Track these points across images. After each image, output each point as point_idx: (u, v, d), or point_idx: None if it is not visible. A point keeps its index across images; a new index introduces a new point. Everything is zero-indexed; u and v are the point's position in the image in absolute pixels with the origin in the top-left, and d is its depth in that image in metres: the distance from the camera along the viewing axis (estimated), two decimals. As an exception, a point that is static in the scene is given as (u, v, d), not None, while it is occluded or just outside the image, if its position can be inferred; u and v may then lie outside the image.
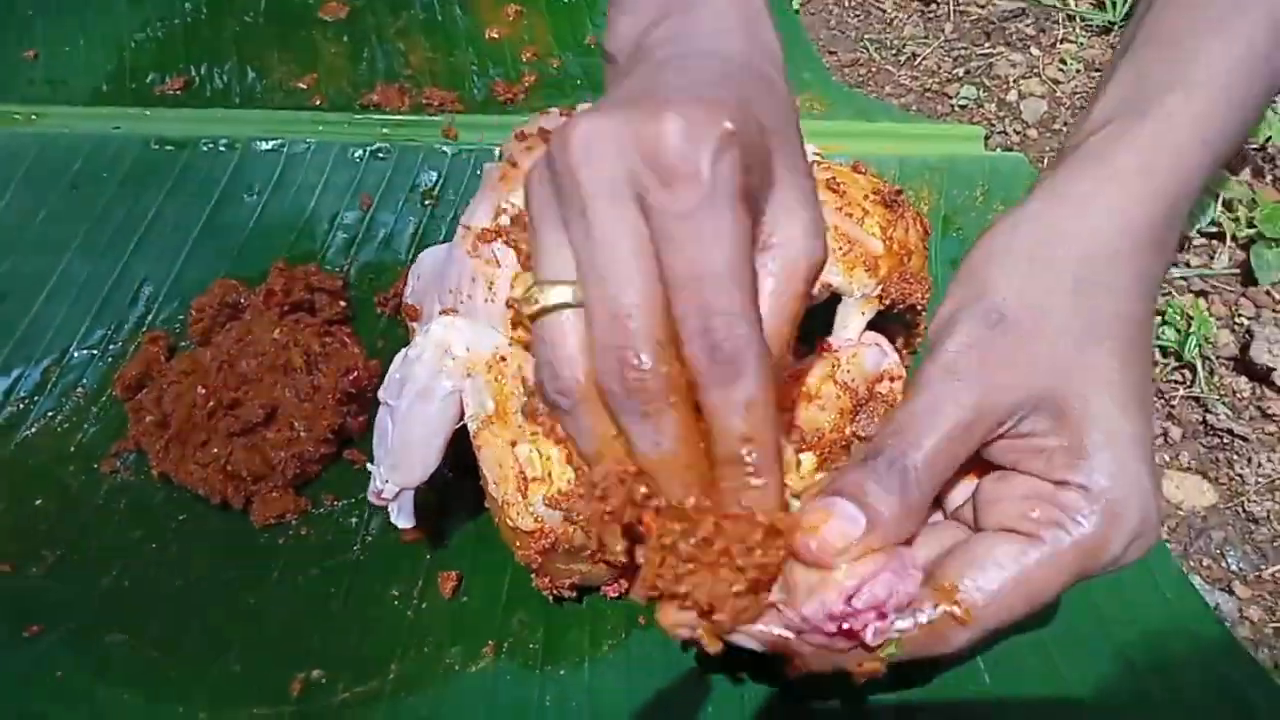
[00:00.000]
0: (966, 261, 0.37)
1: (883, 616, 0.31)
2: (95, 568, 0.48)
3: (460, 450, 0.42)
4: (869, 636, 0.31)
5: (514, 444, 0.41)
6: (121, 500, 0.51)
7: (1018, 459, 0.34)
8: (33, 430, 0.54)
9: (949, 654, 0.33)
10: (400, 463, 0.42)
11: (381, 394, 0.44)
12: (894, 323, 0.50)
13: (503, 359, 0.42)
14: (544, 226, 0.31)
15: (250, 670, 0.44)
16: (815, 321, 0.46)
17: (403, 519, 0.44)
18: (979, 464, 0.35)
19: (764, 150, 0.31)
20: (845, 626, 0.31)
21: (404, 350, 0.43)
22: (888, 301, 0.47)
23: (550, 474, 0.40)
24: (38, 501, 0.51)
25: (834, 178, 0.50)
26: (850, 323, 0.46)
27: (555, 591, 0.43)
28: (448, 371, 0.41)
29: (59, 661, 0.44)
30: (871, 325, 0.46)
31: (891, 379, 0.45)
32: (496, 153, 0.52)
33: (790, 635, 0.32)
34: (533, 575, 0.43)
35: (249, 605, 0.47)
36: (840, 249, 0.47)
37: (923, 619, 0.32)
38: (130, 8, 0.75)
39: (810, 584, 0.32)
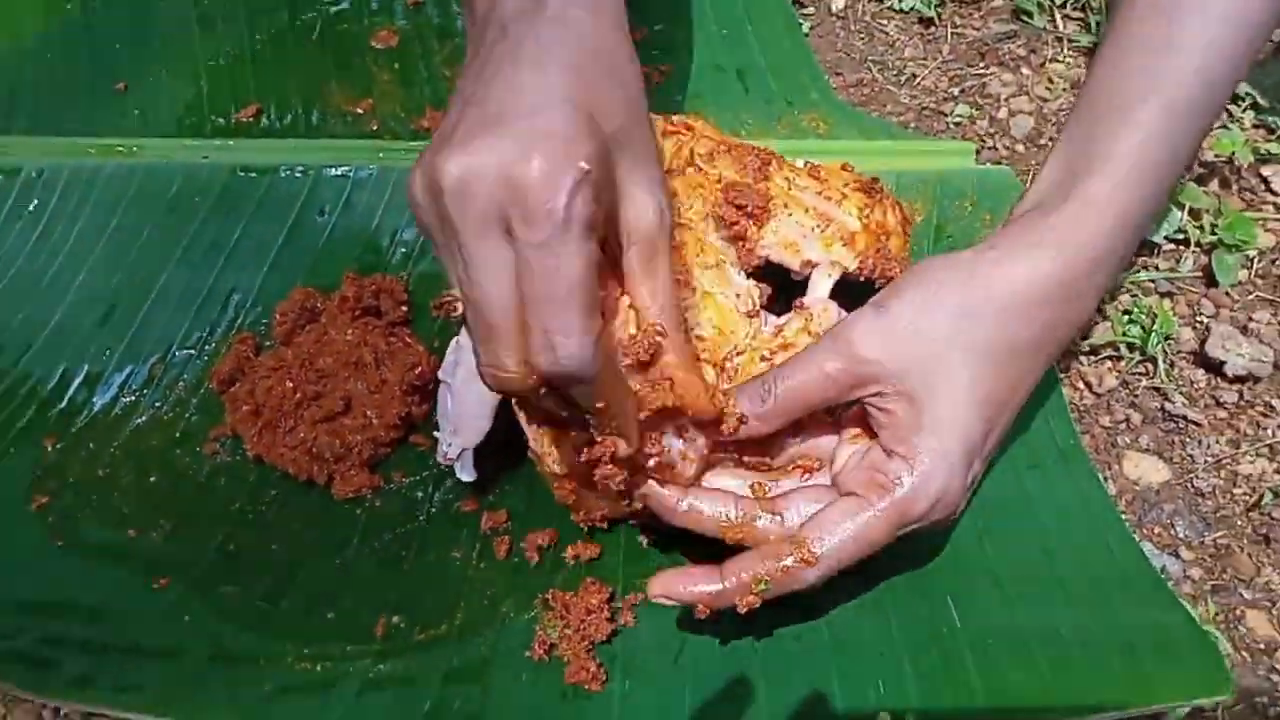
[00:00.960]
0: (908, 270, 0.49)
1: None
2: (205, 534, 0.57)
3: (508, 414, 0.51)
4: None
5: None
6: (222, 478, 0.60)
7: (875, 422, 0.46)
8: (143, 419, 0.63)
9: (804, 588, 0.45)
10: (460, 428, 0.52)
11: (441, 374, 0.53)
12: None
13: None
14: (436, 249, 0.37)
15: (341, 616, 0.52)
16: (795, 290, 0.56)
17: (465, 474, 0.54)
18: (864, 427, 0.48)
19: (609, 158, 0.37)
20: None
21: (455, 339, 0.53)
22: (867, 275, 0.56)
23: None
24: (152, 478, 0.60)
25: (815, 167, 0.58)
26: (820, 285, 0.56)
27: (589, 523, 0.52)
28: None
29: (186, 607, 0.53)
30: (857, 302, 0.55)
31: None
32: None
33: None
34: (570, 512, 0.52)
35: (335, 565, 0.55)
36: (819, 227, 0.55)
37: (785, 564, 0.44)
38: (202, 38, 0.84)
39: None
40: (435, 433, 0.54)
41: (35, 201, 0.73)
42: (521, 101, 0.36)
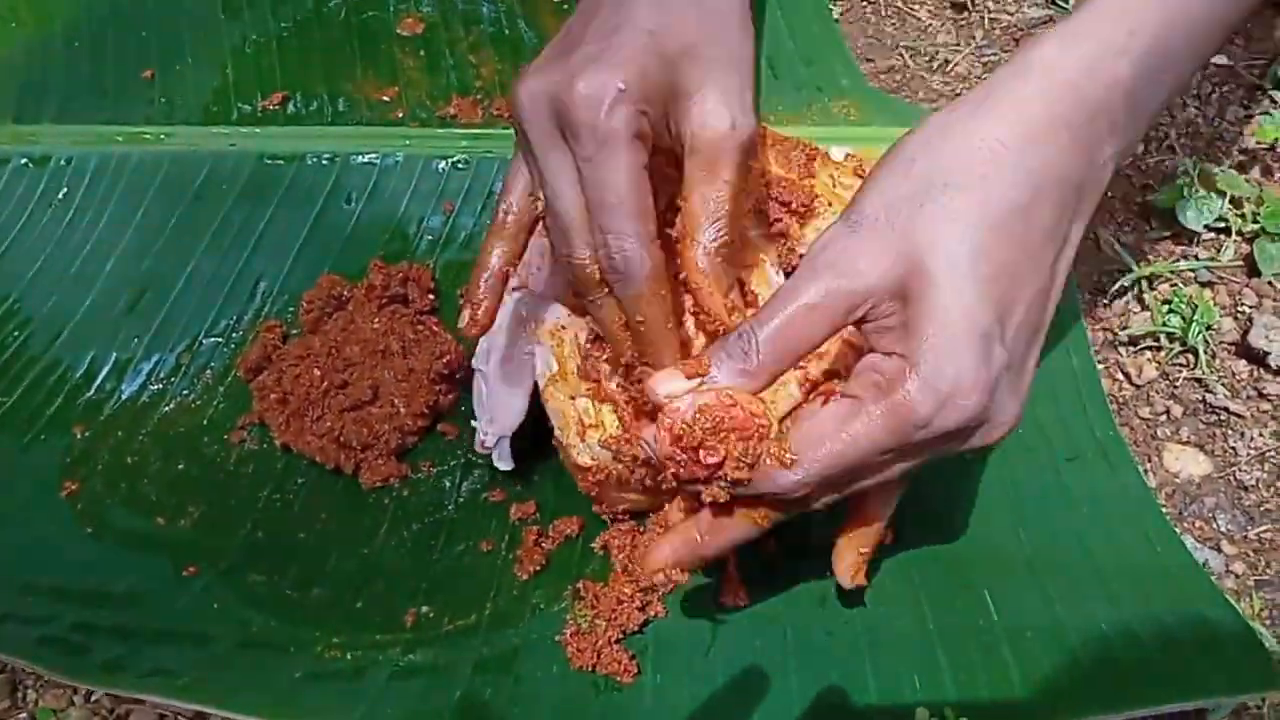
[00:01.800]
0: (882, 157, 0.41)
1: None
2: (233, 522, 0.57)
3: (536, 404, 0.51)
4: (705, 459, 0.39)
5: (573, 398, 0.49)
6: (249, 466, 0.60)
7: (872, 338, 0.39)
8: (170, 406, 0.63)
9: (781, 493, 0.39)
10: (496, 415, 0.51)
11: (475, 362, 0.53)
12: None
13: (563, 328, 0.50)
14: (525, 156, 0.43)
15: (370, 605, 0.52)
16: None
17: (503, 463, 0.53)
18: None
19: (670, 73, 0.41)
20: (679, 450, 0.39)
21: None
22: None
23: (603, 422, 0.48)
24: (180, 466, 0.60)
25: (861, 164, 0.57)
26: None
27: (611, 515, 0.51)
28: (524, 339, 0.50)
29: (215, 595, 0.53)
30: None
31: None
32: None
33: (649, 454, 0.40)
34: (594, 504, 0.52)
35: (364, 554, 0.55)
36: None
37: (762, 458, 0.38)
38: (228, 25, 0.83)
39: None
40: (473, 422, 0.53)
41: (64, 189, 0.73)
42: (587, 32, 0.41)
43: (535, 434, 0.54)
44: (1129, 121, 0.40)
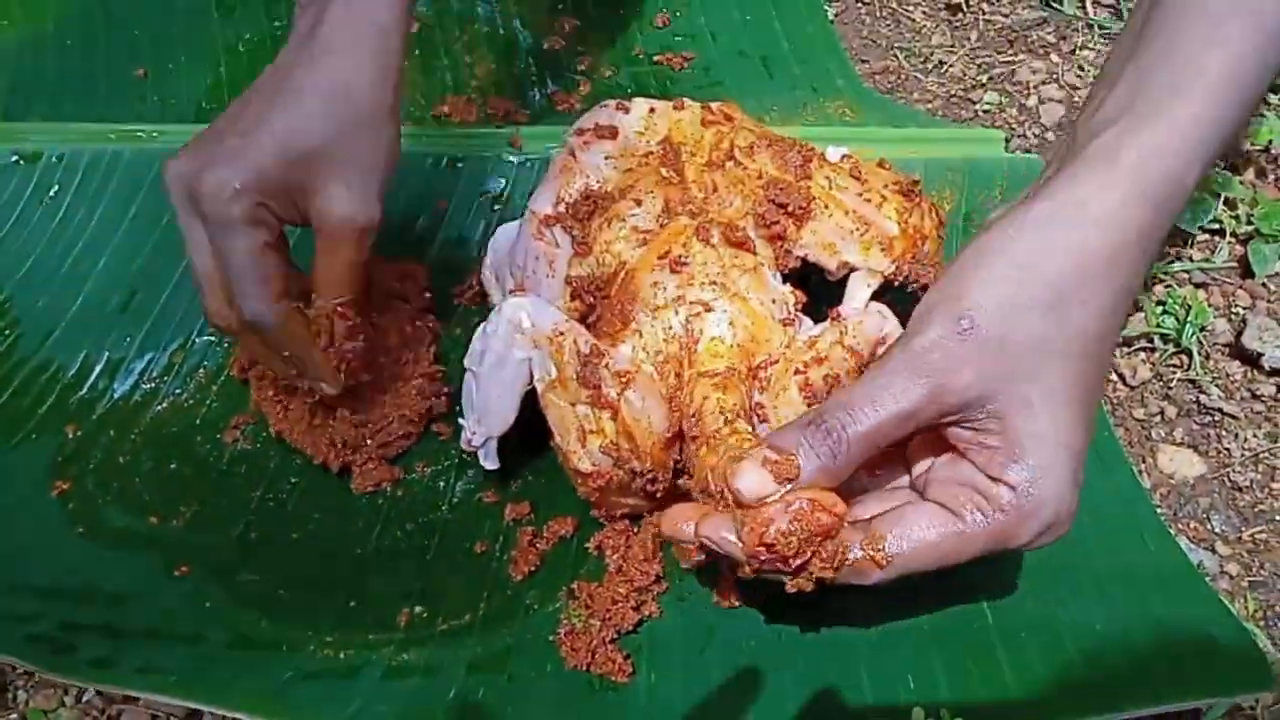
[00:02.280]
0: (958, 259, 0.41)
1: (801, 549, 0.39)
2: (225, 521, 0.57)
3: (532, 406, 0.51)
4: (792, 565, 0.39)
5: (573, 404, 0.49)
6: (242, 465, 0.60)
7: (966, 448, 0.40)
8: (163, 405, 0.63)
9: (866, 585, 0.40)
10: (484, 417, 0.51)
11: (466, 362, 0.52)
12: (908, 302, 0.57)
13: (561, 333, 0.49)
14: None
15: (364, 605, 0.52)
16: (832, 296, 0.54)
17: (489, 462, 0.53)
18: (941, 442, 0.41)
19: (299, 168, 0.48)
20: (768, 554, 0.39)
21: (482, 325, 0.52)
22: (901, 280, 0.54)
23: (603, 428, 0.48)
24: (173, 465, 0.60)
25: (856, 166, 0.57)
26: (857, 294, 0.53)
27: (609, 519, 0.51)
28: (518, 344, 0.50)
29: (207, 594, 0.52)
30: (888, 306, 0.53)
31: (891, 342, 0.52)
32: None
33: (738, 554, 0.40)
34: (592, 507, 0.52)
35: (357, 555, 0.55)
36: (858, 230, 0.54)
37: (853, 556, 0.39)
38: (221, 24, 0.83)
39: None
40: (460, 420, 0.53)
41: (56, 187, 0.73)
42: (235, 126, 0.48)
43: (528, 435, 0.54)
44: (1196, 183, 0.41)
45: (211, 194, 0.47)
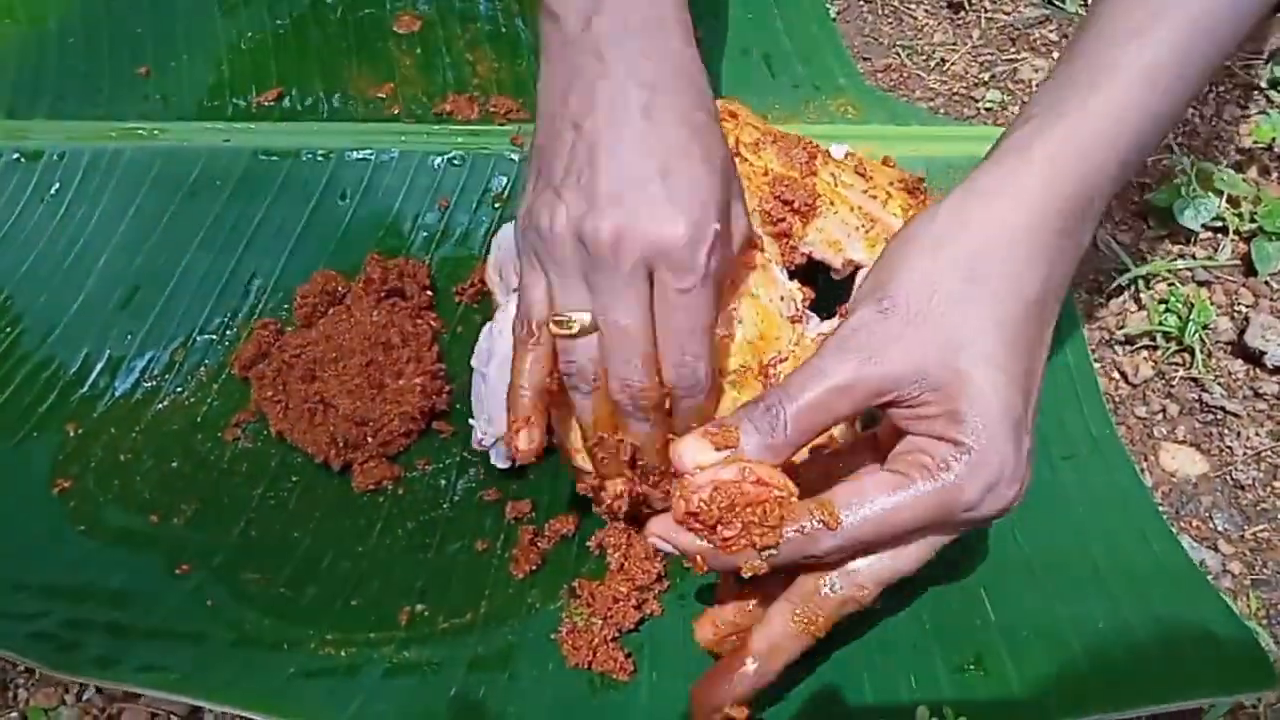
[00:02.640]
0: (884, 250, 0.43)
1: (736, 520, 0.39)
2: (226, 520, 0.57)
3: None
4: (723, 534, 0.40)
5: None
6: (243, 464, 0.60)
7: (909, 424, 0.41)
8: (164, 403, 0.63)
9: (819, 556, 0.40)
10: (494, 417, 0.51)
11: (474, 362, 0.52)
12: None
13: None
14: (564, 272, 0.44)
15: (365, 603, 0.52)
16: (839, 293, 0.53)
17: (500, 461, 0.53)
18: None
19: (730, 202, 0.45)
20: (695, 523, 0.40)
21: (488, 325, 0.52)
22: None
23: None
24: (174, 463, 0.60)
25: (861, 163, 0.56)
26: None
27: (610, 516, 0.51)
28: None
29: (208, 593, 0.52)
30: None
31: None
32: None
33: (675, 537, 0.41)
34: (594, 504, 0.52)
35: (358, 553, 0.55)
36: (863, 227, 0.54)
37: (802, 525, 0.39)
38: (224, 22, 0.83)
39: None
40: (470, 420, 0.53)
41: (57, 185, 0.73)
42: (650, 163, 0.42)
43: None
44: (1123, 177, 0.43)
45: (700, 243, 0.42)
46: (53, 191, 0.73)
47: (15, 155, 0.74)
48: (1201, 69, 0.43)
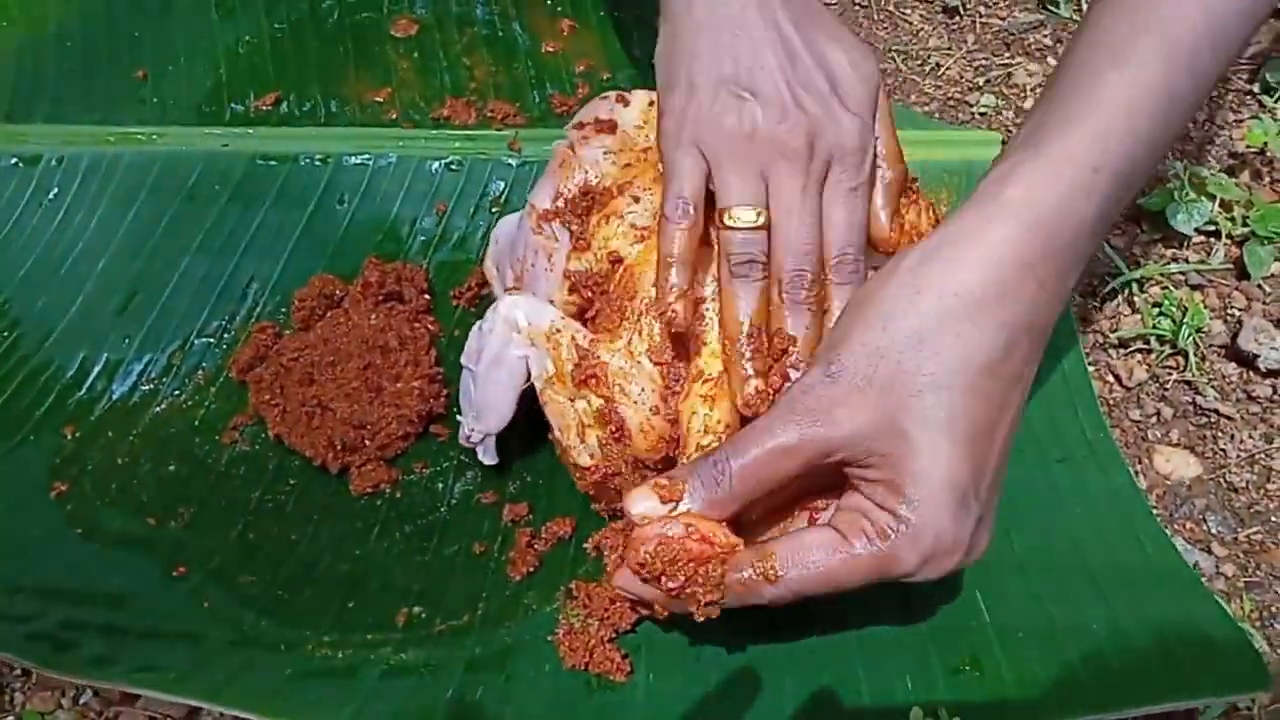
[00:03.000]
0: (850, 301, 0.44)
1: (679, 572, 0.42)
2: (224, 523, 0.57)
3: (529, 403, 0.51)
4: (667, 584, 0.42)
5: (572, 400, 0.49)
6: (241, 467, 0.60)
7: (859, 483, 0.41)
8: (162, 407, 0.63)
9: (763, 604, 0.42)
10: (482, 415, 0.52)
11: (463, 360, 0.53)
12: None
13: (558, 330, 0.50)
14: (744, 169, 0.46)
15: (362, 606, 0.52)
16: None
17: (488, 458, 0.54)
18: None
19: None
20: (643, 573, 0.42)
21: (478, 323, 0.52)
22: None
23: (600, 422, 0.48)
24: (171, 466, 0.60)
25: None
26: None
27: (610, 513, 0.52)
28: (515, 342, 0.50)
29: (206, 595, 0.52)
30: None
31: None
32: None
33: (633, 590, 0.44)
34: (592, 502, 0.52)
35: (356, 556, 0.55)
36: None
37: (744, 575, 0.41)
38: (222, 26, 0.83)
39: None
40: (458, 417, 0.53)
41: (55, 189, 0.73)
42: (821, 74, 0.47)
43: (525, 434, 0.54)
44: (1092, 246, 0.42)
45: (864, 133, 0.47)
46: (51, 196, 0.73)
47: (13, 160, 0.74)
48: (1192, 88, 0.42)
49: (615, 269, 0.51)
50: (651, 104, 0.57)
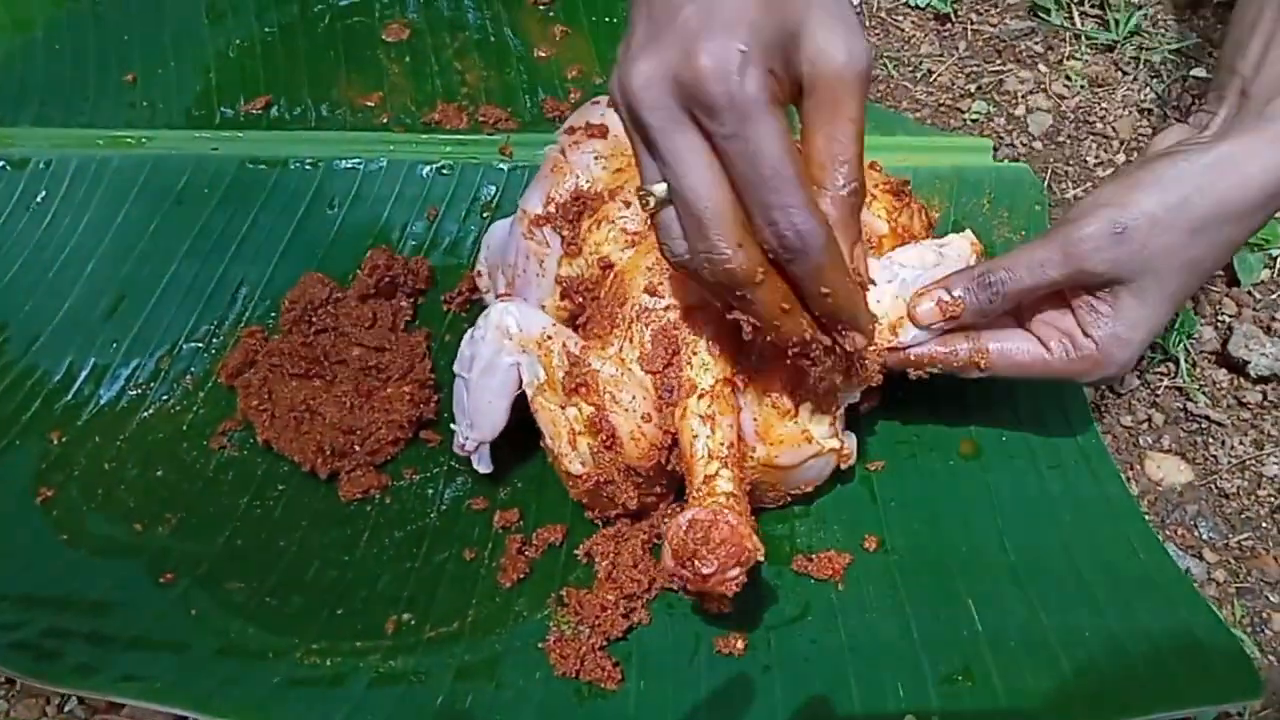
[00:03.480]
0: (1132, 171, 0.48)
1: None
2: (212, 529, 0.56)
3: (520, 409, 0.51)
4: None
5: (563, 407, 0.49)
6: (229, 472, 0.60)
7: (1078, 304, 0.49)
8: (149, 412, 0.63)
9: (968, 378, 0.51)
10: (476, 422, 0.51)
11: (456, 367, 0.52)
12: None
13: (549, 337, 0.50)
14: (636, 148, 0.39)
15: (351, 613, 0.52)
16: None
17: (482, 465, 0.54)
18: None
19: (785, 25, 0.37)
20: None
21: (470, 330, 0.52)
22: None
23: (591, 430, 0.48)
24: (159, 472, 0.59)
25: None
26: None
27: (601, 520, 0.52)
28: (506, 349, 0.50)
29: (192, 602, 0.52)
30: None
31: None
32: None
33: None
34: (585, 509, 0.52)
35: (344, 562, 0.55)
36: None
37: (959, 354, 0.50)
38: (212, 30, 0.83)
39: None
40: (452, 425, 0.53)
41: (43, 192, 0.73)
42: (682, 4, 0.36)
43: (516, 440, 0.53)
44: None
45: (718, 73, 0.35)
46: (39, 200, 0.72)
47: (1, 163, 0.74)
48: None
49: (606, 274, 0.51)
50: None
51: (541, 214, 0.54)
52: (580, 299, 0.52)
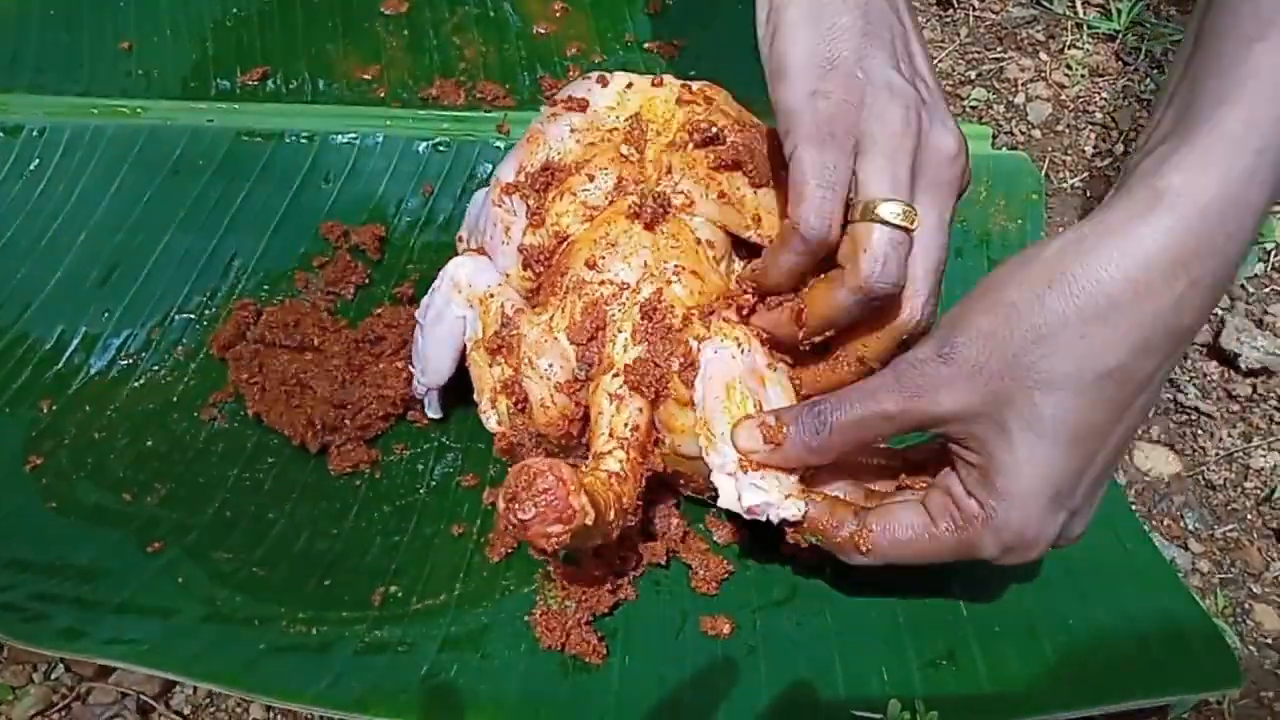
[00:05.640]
0: (980, 283, 0.41)
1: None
2: (201, 500, 0.56)
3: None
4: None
5: (490, 365, 0.50)
6: (219, 444, 0.59)
7: (957, 461, 0.42)
8: (140, 382, 0.62)
9: (851, 564, 0.45)
10: (426, 369, 0.54)
11: (417, 314, 0.54)
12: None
13: (492, 295, 0.50)
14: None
15: (338, 584, 0.52)
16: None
17: (432, 410, 0.58)
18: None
19: None
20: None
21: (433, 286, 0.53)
22: None
23: (511, 391, 0.49)
24: (149, 442, 0.59)
25: None
26: None
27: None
28: (456, 301, 0.51)
29: (180, 570, 0.52)
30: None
31: None
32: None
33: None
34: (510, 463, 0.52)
35: (333, 535, 0.55)
36: None
37: (841, 536, 0.44)
38: (209, -1, 0.82)
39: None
40: (410, 366, 0.56)
41: (37, 160, 0.72)
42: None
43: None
44: (1253, 237, 0.38)
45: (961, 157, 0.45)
46: (32, 167, 0.72)
47: (-5, 130, 0.73)
48: None
49: (560, 245, 0.51)
50: (629, 86, 0.56)
51: (511, 182, 0.53)
52: (539, 269, 0.52)
